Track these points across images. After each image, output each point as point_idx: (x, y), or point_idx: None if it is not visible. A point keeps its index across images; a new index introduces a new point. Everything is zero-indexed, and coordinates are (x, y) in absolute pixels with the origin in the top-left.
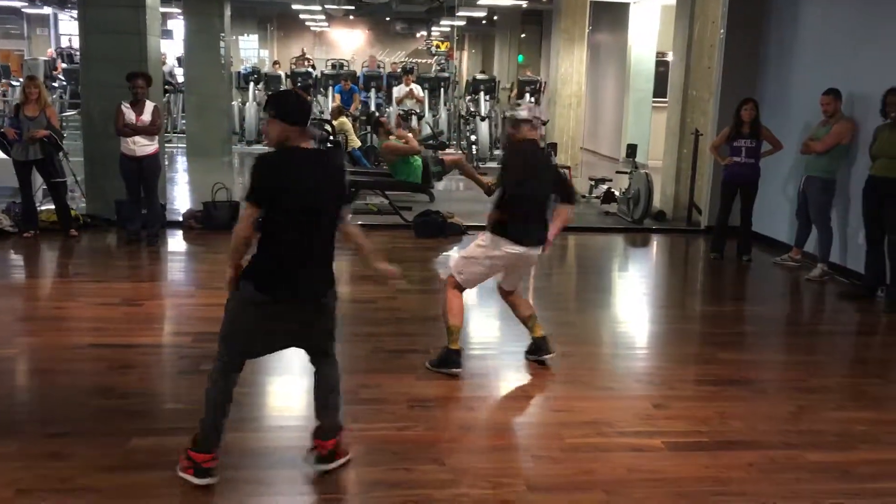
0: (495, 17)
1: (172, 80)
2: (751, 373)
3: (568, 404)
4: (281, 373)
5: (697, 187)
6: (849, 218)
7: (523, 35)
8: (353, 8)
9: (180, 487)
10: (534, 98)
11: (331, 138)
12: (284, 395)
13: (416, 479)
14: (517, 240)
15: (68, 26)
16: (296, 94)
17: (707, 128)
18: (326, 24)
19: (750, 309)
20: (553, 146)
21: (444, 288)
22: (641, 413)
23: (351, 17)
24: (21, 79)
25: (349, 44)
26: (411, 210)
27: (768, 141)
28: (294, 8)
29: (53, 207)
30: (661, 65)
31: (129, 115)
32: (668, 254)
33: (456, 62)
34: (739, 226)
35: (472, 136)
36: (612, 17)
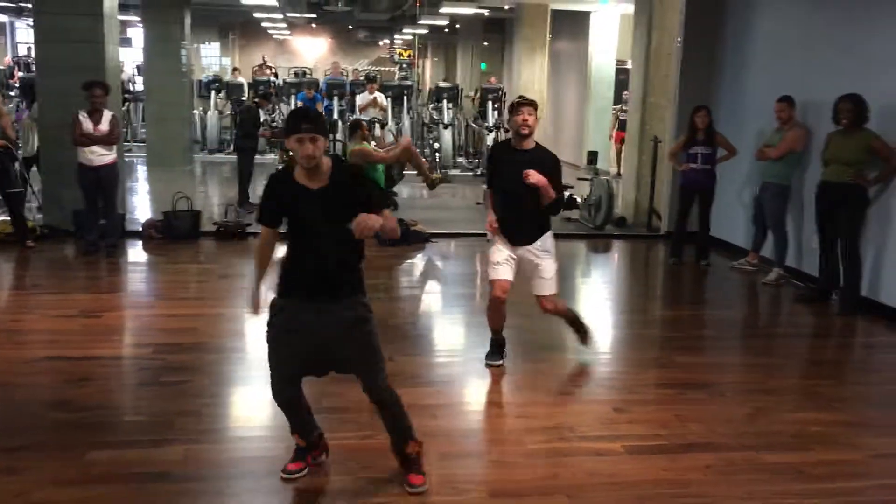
0: (457, 26)
1: (132, 88)
2: (709, 376)
3: (531, 410)
4: (242, 383)
5: (657, 193)
6: (803, 223)
7: (486, 43)
8: (315, 16)
9: (137, 500)
10: (496, 106)
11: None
12: (246, 406)
13: (379, 487)
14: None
15: (26, 35)
16: (307, 108)
17: (665, 135)
18: (289, 33)
19: (708, 313)
20: None
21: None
22: (602, 417)
23: (313, 26)
24: None
25: (312, 52)
26: None
27: (723, 147)
28: (256, 16)
29: (9, 219)
30: (622, 72)
31: (87, 124)
32: (629, 259)
33: (419, 70)
34: (698, 231)
35: (435, 144)
36: (572, 25)
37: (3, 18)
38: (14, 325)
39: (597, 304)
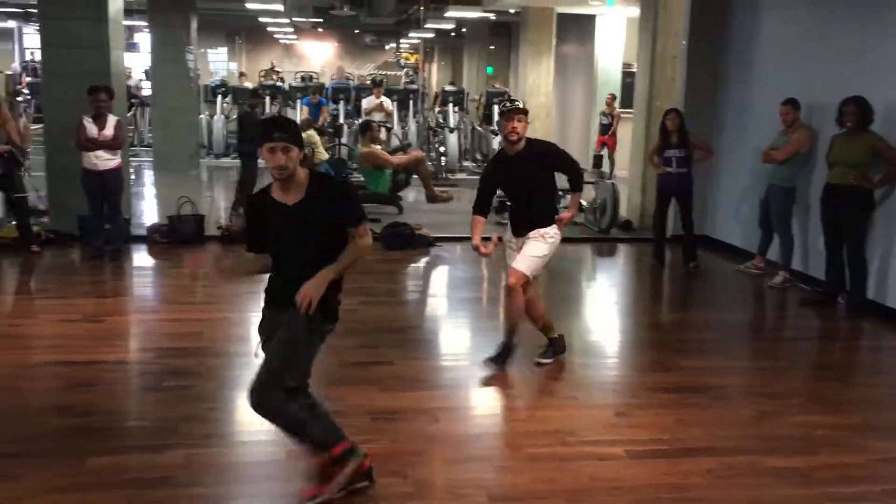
0: (464, 30)
1: (138, 93)
2: (712, 379)
3: (532, 414)
4: (246, 387)
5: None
6: (809, 225)
7: (492, 47)
8: (322, 21)
9: None
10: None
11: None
12: (249, 410)
13: (377, 493)
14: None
15: (33, 40)
16: (279, 116)
17: None
18: (295, 37)
19: (713, 316)
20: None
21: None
22: (604, 421)
23: (320, 30)
24: None
25: (318, 56)
26: (379, 222)
27: (698, 148)
28: (262, 21)
29: (14, 223)
30: (628, 76)
31: (91, 129)
32: (634, 263)
33: (425, 74)
34: (683, 234)
35: (441, 148)
36: (578, 28)
37: (12, 24)
38: (17, 330)
39: (602, 307)
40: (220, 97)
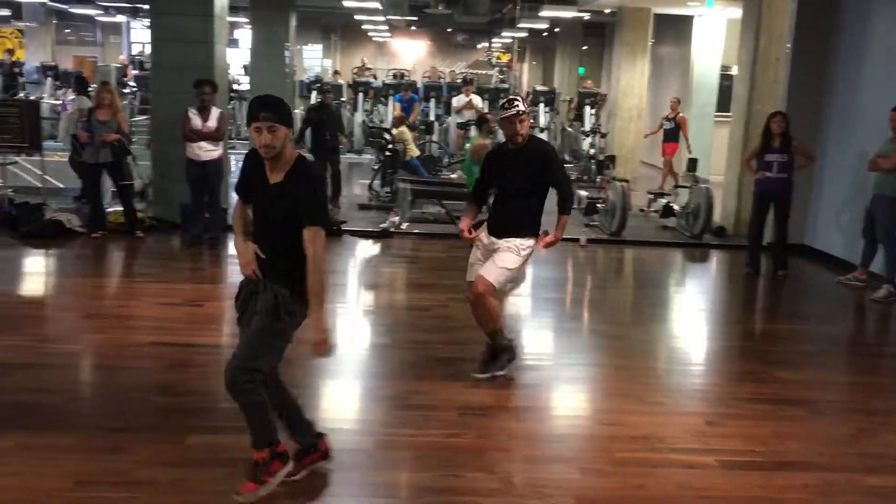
0: (557, 29)
1: (237, 87)
2: (808, 393)
3: (619, 418)
4: (333, 376)
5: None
6: None
7: (585, 47)
8: (416, 19)
9: (234, 484)
10: (594, 111)
11: (389, 147)
12: (336, 398)
13: (464, 486)
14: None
15: (140, 34)
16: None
17: None
18: (389, 35)
19: (811, 328)
20: (612, 159)
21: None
22: (694, 430)
23: (413, 28)
24: (94, 84)
25: (410, 54)
26: None
27: (801, 154)
28: (357, 18)
29: (121, 209)
30: (726, 78)
31: (196, 121)
32: (727, 270)
33: (516, 73)
34: (774, 241)
35: None
36: (675, 29)
37: (120, 18)
38: (123, 311)
39: (692, 313)
40: (314, 93)
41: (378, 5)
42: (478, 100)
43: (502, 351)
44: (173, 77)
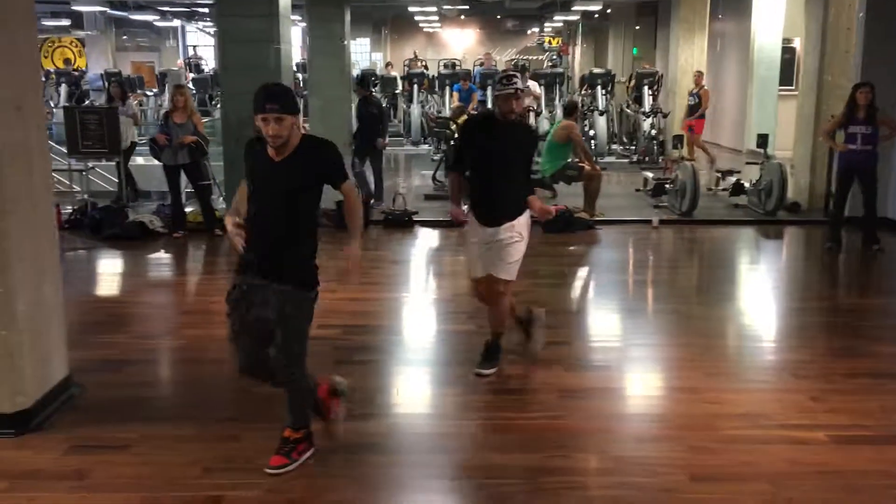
0: (608, 11)
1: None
2: None
3: (719, 396)
4: (424, 364)
5: (835, 177)
6: None
7: (637, 27)
8: (468, 7)
9: (356, 470)
10: (652, 91)
11: (455, 137)
12: (431, 385)
13: (575, 466)
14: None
15: (195, 38)
16: (273, 87)
17: None
18: (439, 25)
19: None
20: (679, 138)
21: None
22: (799, 406)
23: (462, 17)
24: (154, 89)
25: (459, 43)
26: None
27: (887, 126)
28: (410, 10)
29: (199, 209)
30: (787, 51)
31: None
32: (804, 246)
33: (569, 57)
34: (863, 215)
35: (589, 132)
36: (733, 3)
37: (176, 23)
38: (213, 307)
39: (773, 290)
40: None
41: None
42: (535, 86)
43: (498, 350)
44: (241, 78)
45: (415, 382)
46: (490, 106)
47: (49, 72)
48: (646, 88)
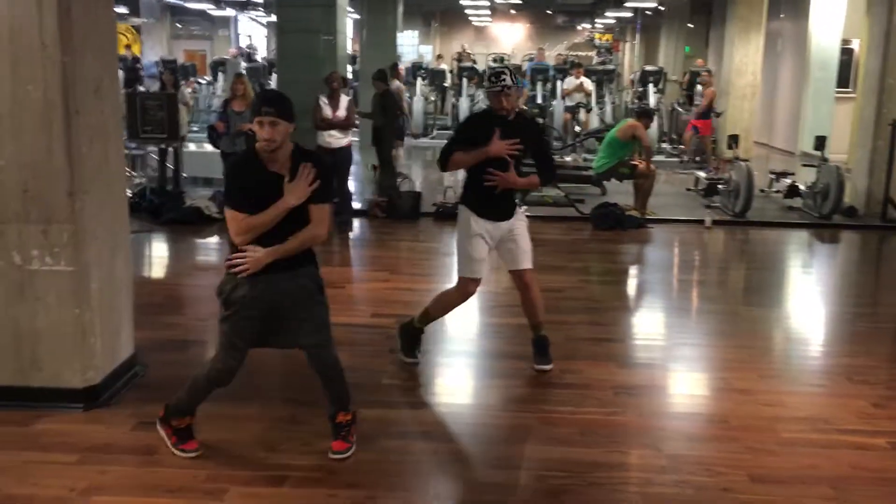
0: (661, 8)
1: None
2: None
3: (778, 399)
4: (473, 357)
5: (894, 182)
6: None
7: (690, 25)
8: (519, 2)
9: (408, 455)
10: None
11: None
12: (476, 377)
13: (633, 462)
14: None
15: (247, 27)
16: (272, 91)
17: None
18: (489, 19)
19: None
20: (734, 138)
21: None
22: (859, 411)
23: (512, 12)
24: (206, 77)
25: (508, 38)
26: (584, 202)
27: None
28: (461, 2)
29: None
30: (845, 52)
31: (327, 110)
32: (861, 251)
33: (621, 54)
34: None
35: None
36: (791, 2)
37: (230, 12)
38: None
39: (828, 294)
40: (418, 79)
41: None
42: (588, 82)
43: (547, 342)
44: (298, 67)
45: (462, 374)
46: (539, 101)
47: None
48: (699, 87)
